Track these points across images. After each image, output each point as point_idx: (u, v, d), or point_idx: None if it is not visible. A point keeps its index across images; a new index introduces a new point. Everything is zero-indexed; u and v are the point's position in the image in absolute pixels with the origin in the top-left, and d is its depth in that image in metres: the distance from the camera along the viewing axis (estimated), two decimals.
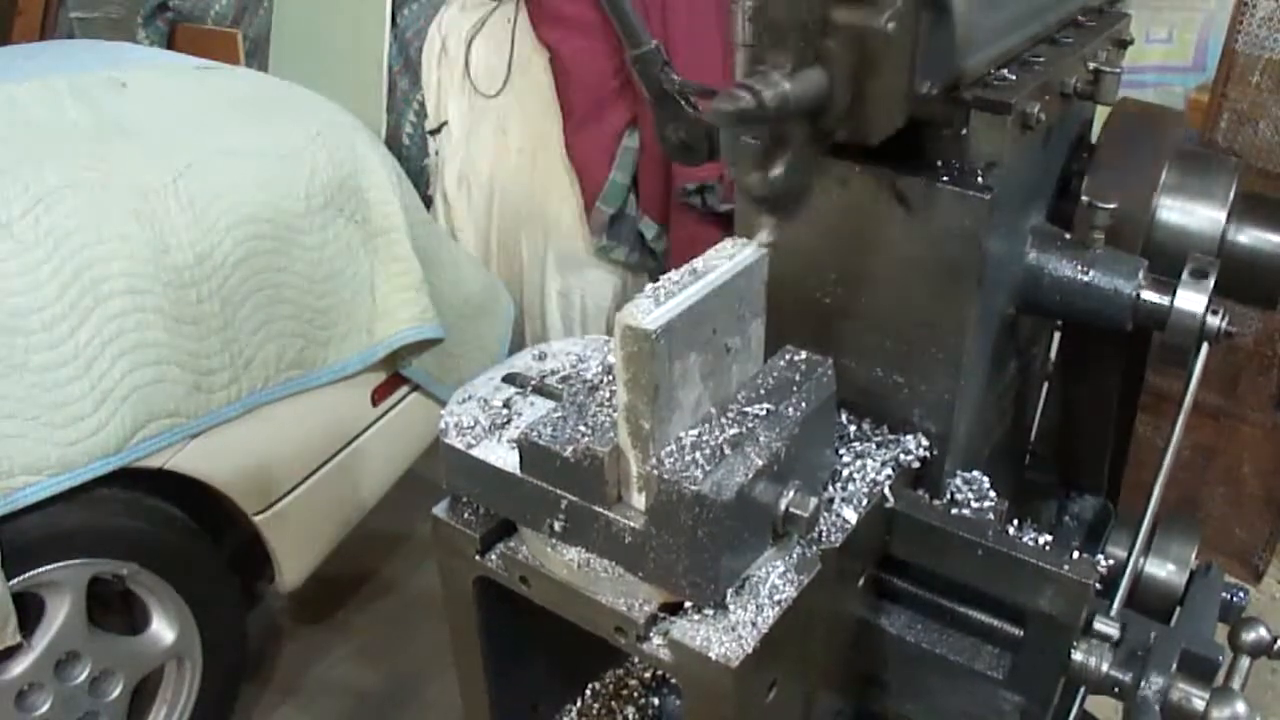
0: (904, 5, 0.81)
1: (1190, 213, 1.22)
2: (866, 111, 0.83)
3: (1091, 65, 1.12)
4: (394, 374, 2.33)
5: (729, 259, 0.87)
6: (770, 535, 0.88)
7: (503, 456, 0.93)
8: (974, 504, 1.07)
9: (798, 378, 0.91)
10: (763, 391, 0.90)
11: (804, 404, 0.89)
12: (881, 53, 0.80)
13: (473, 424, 0.98)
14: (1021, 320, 1.21)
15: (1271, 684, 2.54)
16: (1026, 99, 0.96)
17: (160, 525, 2.00)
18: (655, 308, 0.79)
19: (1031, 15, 1.10)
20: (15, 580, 1.76)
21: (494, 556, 0.97)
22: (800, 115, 0.81)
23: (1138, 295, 1.09)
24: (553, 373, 1.07)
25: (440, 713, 2.44)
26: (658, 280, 0.83)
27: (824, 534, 0.93)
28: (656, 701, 1.27)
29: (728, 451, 0.82)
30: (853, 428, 1.08)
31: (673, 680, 1.05)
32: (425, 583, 2.79)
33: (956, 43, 0.88)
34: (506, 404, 1.01)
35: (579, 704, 1.25)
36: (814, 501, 0.86)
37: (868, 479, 1.01)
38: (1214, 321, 1.09)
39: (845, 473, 1.01)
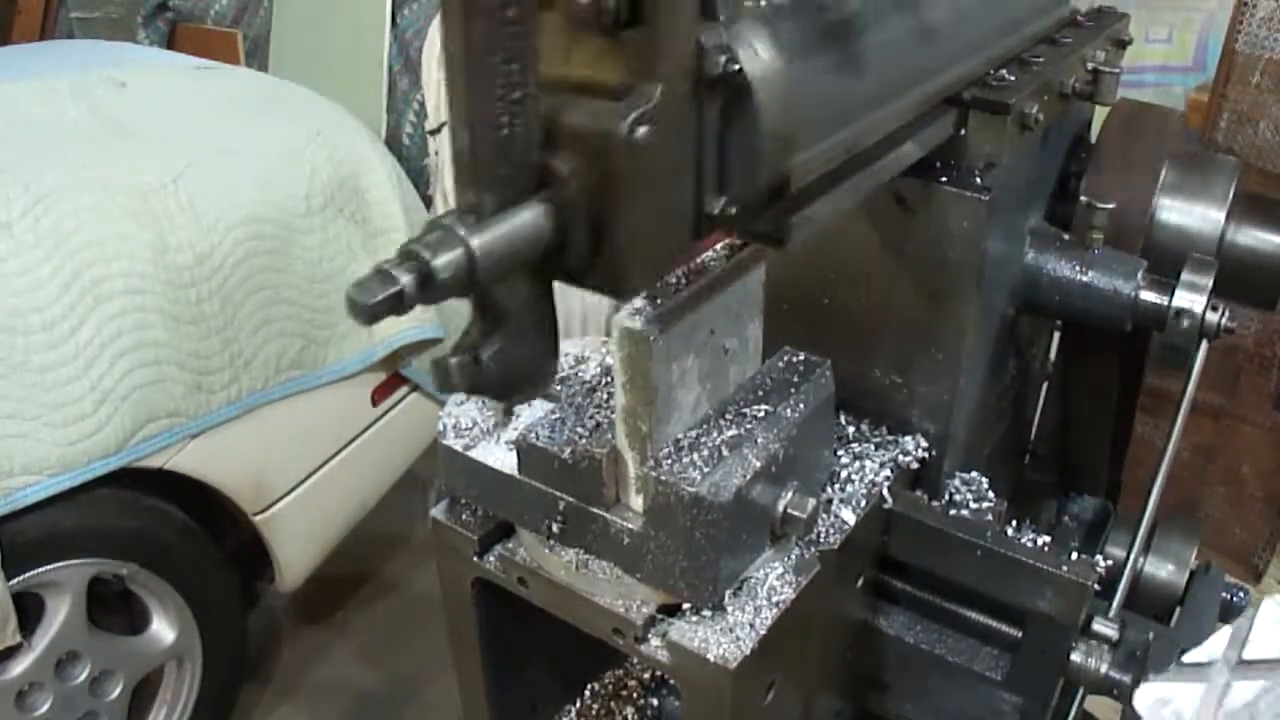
0: (664, 98, 0.55)
1: (1189, 213, 1.22)
2: (618, 254, 0.57)
3: (1090, 65, 1.11)
4: (394, 374, 2.33)
5: (727, 260, 0.87)
6: (768, 536, 0.88)
7: (501, 458, 0.93)
8: (973, 505, 1.07)
9: (796, 379, 0.91)
10: (761, 393, 0.90)
11: (802, 405, 0.89)
12: (630, 172, 0.55)
13: (471, 425, 0.98)
14: (1021, 320, 1.21)
15: None
16: (1025, 99, 0.96)
17: (160, 525, 2.00)
18: (653, 309, 0.79)
19: (912, 75, 0.84)
20: (15, 580, 1.76)
21: (492, 558, 0.97)
22: (511, 272, 0.57)
23: (1137, 295, 1.09)
24: None
25: (440, 713, 2.44)
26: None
27: (822, 535, 0.93)
28: (655, 702, 1.27)
29: (726, 453, 0.82)
30: (851, 428, 1.08)
31: (671, 681, 1.05)
32: (425, 583, 2.79)
33: (765, 143, 0.61)
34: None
35: (578, 705, 1.25)
36: (812, 503, 0.86)
37: (866, 480, 1.00)
38: (1213, 318, 1.09)
39: (844, 474, 1.01)
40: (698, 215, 0.62)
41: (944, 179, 0.95)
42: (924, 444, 1.05)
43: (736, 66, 0.58)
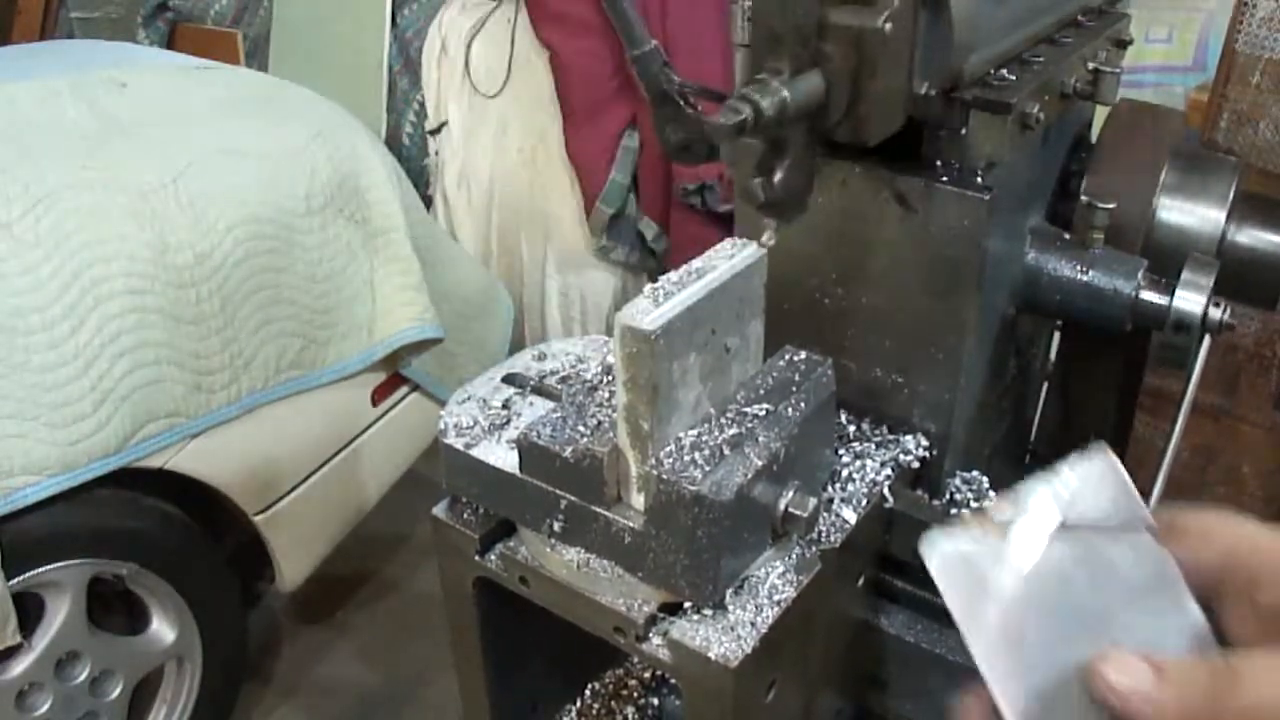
0: (901, 5, 0.80)
1: (1190, 213, 1.22)
2: (865, 113, 0.83)
3: (1091, 65, 1.12)
4: (394, 374, 2.33)
5: (729, 259, 0.87)
6: (769, 535, 0.88)
7: (502, 457, 0.93)
8: (974, 504, 1.07)
9: (797, 378, 0.91)
10: (762, 392, 0.90)
11: (803, 404, 0.89)
12: (879, 54, 0.80)
13: (472, 424, 0.98)
14: (1021, 320, 1.21)
15: None
16: (1026, 99, 0.96)
17: (160, 525, 2.00)
18: (654, 308, 0.79)
19: (1031, 15, 1.08)
20: (15, 580, 1.76)
21: (493, 557, 0.97)
22: (799, 119, 0.80)
23: (1137, 295, 1.09)
24: (552, 373, 1.07)
25: (440, 713, 2.45)
26: (657, 280, 0.83)
27: (823, 534, 0.93)
28: (656, 701, 1.27)
29: (727, 452, 0.82)
30: (852, 428, 1.08)
31: (672, 680, 1.05)
32: (425, 583, 2.79)
33: (954, 44, 0.87)
34: (506, 404, 1.01)
35: (579, 704, 1.25)
36: (813, 502, 0.86)
37: (867, 479, 1.01)
38: (1215, 314, 1.09)
39: (845, 473, 1.01)
40: (909, 93, 0.87)
41: (944, 179, 0.95)
42: (925, 443, 1.06)
43: None
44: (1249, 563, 0.53)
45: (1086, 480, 0.57)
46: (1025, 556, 0.55)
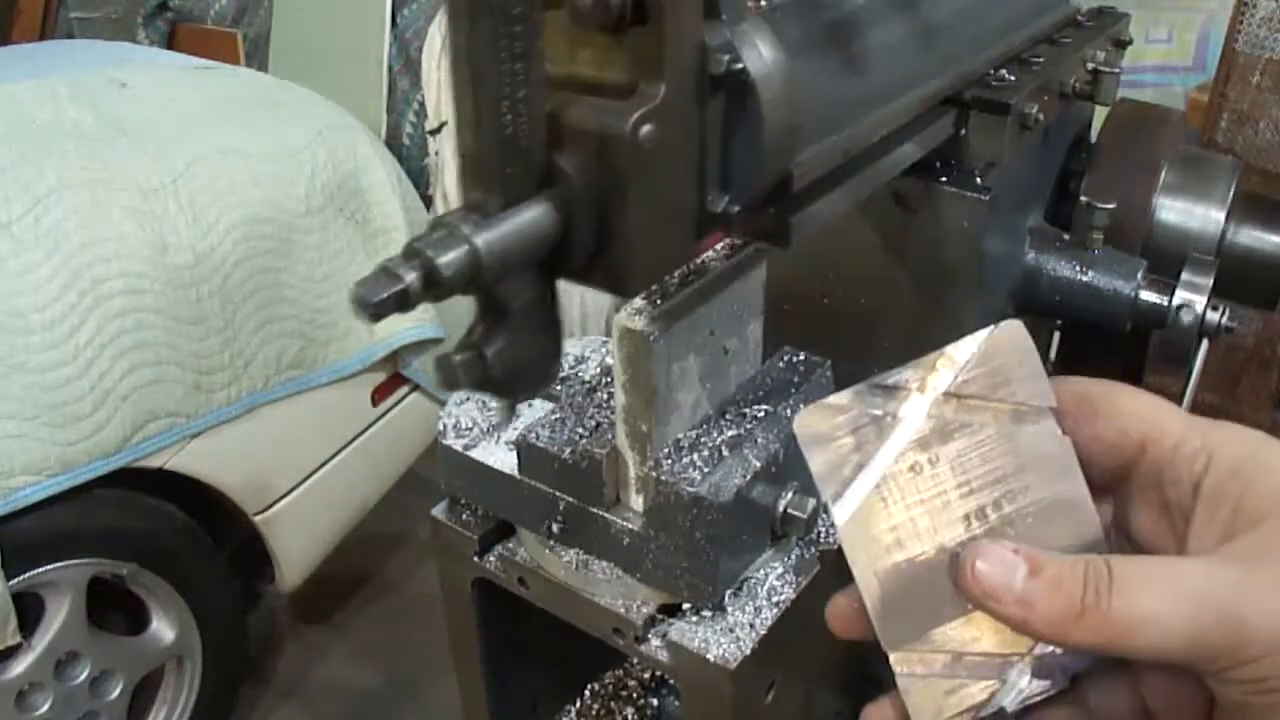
0: (672, 95, 0.55)
1: (1189, 213, 1.22)
2: (622, 255, 0.58)
3: (1090, 65, 1.11)
4: (394, 374, 2.33)
5: (727, 260, 0.87)
6: (768, 536, 0.88)
7: (501, 458, 0.93)
8: None
9: (796, 379, 0.91)
10: (761, 393, 0.90)
11: (803, 405, 0.88)
12: (634, 172, 0.55)
13: (471, 425, 0.98)
14: (1021, 320, 1.21)
15: None
16: (1025, 99, 0.96)
17: (160, 525, 2.00)
18: (653, 309, 0.79)
19: (904, 81, 0.83)
20: (15, 580, 1.77)
21: (492, 558, 0.97)
22: (521, 269, 0.56)
23: (1137, 295, 1.09)
24: None
25: (440, 713, 2.45)
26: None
27: (823, 535, 0.93)
28: (655, 702, 1.27)
29: (726, 453, 0.82)
30: None
31: (671, 681, 1.05)
32: (425, 583, 2.79)
33: (767, 143, 0.60)
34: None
35: (578, 704, 1.25)
36: (812, 503, 0.86)
37: None
38: (1214, 317, 1.09)
39: None
40: (701, 214, 0.62)
41: (944, 179, 0.95)
42: None
43: (740, 65, 0.58)
44: (1163, 456, 0.48)
45: (989, 351, 0.52)
46: (904, 428, 0.50)
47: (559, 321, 0.63)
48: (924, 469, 0.50)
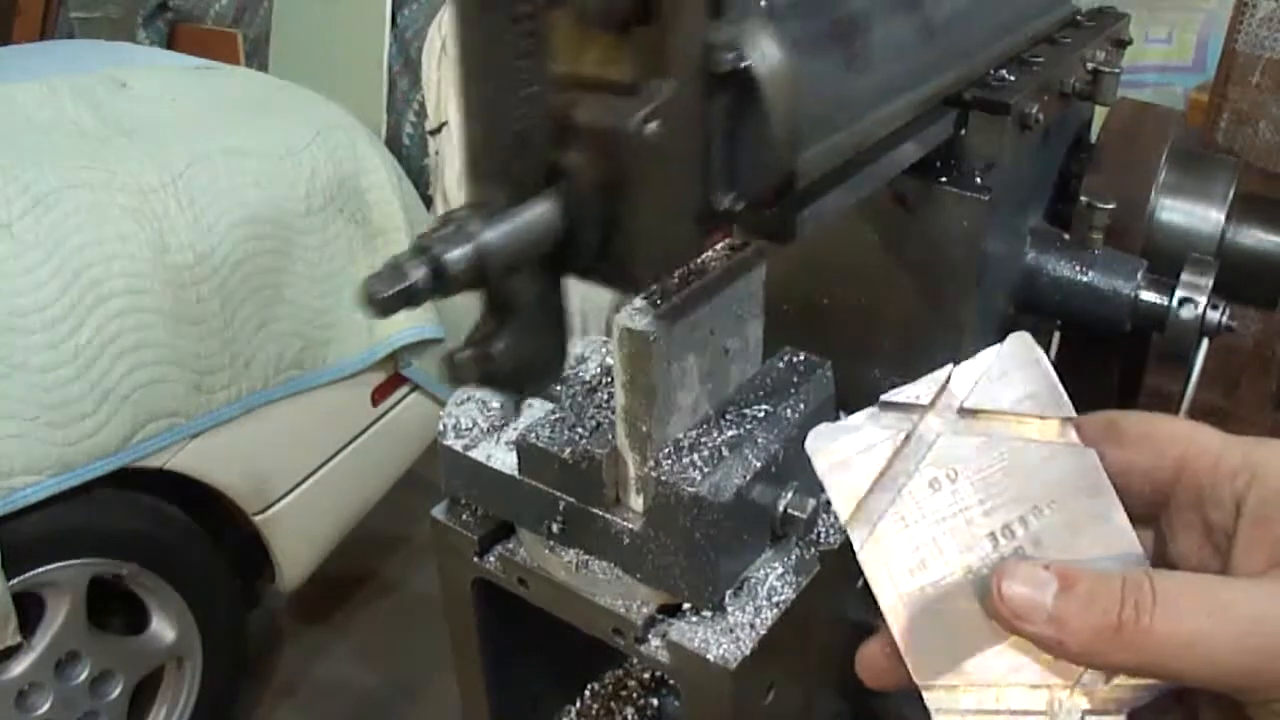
0: (677, 92, 0.54)
1: (1189, 213, 1.22)
2: (624, 251, 0.58)
3: (1090, 65, 1.11)
4: (394, 374, 2.33)
5: (727, 259, 0.87)
6: (769, 537, 0.88)
7: (501, 458, 0.93)
8: None
9: (796, 379, 0.91)
10: (761, 393, 0.90)
11: (803, 405, 0.89)
12: (639, 168, 0.54)
13: (471, 425, 0.98)
14: (1021, 321, 1.21)
15: None
16: (1025, 99, 0.96)
17: (160, 525, 2.00)
18: (653, 309, 0.79)
19: (913, 76, 0.83)
20: (15, 580, 1.76)
21: (492, 558, 0.97)
22: (525, 265, 0.57)
23: (1137, 295, 1.09)
24: None
25: (440, 713, 2.45)
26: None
27: (823, 535, 0.93)
28: (655, 702, 1.27)
29: (726, 453, 0.82)
30: None
31: (671, 681, 1.05)
32: (425, 583, 2.79)
33: (775, 138, 0.60)
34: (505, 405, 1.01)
35: (578, 704, 1.25)
36: (812, 503, 0.86)
37: None
38: (1214, 316, 1.09)
39: None
40: (706, 211, 0.62)
41: (944, 179, 0.95)
42: None
43: (744, 63, 0.58)
44: (1202, 475, 0.45)
45: (1001, 365, 0.50)
46: (919, 445, 0.49)
47: (565, 318, 0.64)
48: (943, 485, 0.48)
